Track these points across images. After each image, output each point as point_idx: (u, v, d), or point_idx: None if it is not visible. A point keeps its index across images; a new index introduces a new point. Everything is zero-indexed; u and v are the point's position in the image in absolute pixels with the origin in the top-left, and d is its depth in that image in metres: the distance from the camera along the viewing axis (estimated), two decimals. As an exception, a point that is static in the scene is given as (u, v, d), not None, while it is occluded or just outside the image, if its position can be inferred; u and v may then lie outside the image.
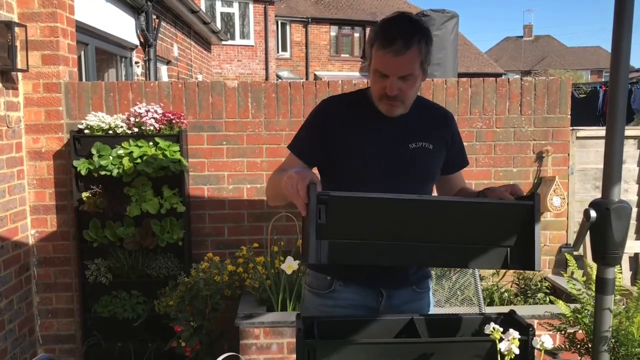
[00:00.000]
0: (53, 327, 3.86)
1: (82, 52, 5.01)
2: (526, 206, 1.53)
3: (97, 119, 3.62)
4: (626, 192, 4.23)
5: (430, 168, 1.91)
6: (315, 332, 1.57)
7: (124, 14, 6.28)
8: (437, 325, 1.66)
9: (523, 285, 3.88)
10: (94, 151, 3.56)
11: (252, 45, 18.97)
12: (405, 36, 1.67)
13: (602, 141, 1.55)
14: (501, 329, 1.40)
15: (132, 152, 3.53)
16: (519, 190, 1.65)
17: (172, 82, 3.92)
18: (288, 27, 24.38)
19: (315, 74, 23.91)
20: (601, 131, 3.91)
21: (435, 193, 2.09)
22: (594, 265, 1.63)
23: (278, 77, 20.43)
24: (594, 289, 1.63)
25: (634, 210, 4.24)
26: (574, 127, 4.08)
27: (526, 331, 1.49)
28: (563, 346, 1.88)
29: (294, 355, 1.57)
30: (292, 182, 1.50)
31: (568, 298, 1.94)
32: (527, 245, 1.52)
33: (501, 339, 1.38)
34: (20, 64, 3.45)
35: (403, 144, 1.84)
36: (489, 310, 3.34)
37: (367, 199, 1.49)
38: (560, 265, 4.03)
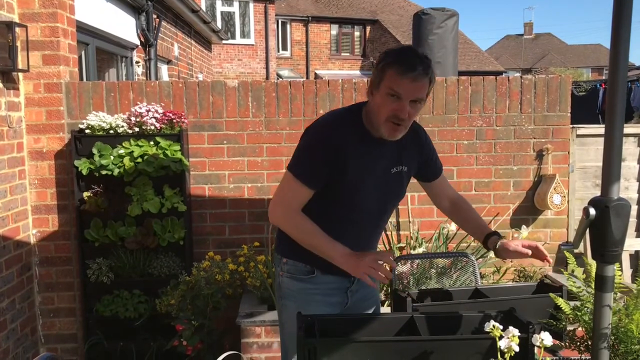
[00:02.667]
0: (55, 326, 3.87)
1: (83, 52, 5.02)
2: None
3: (97, 119, 3.63)
4: (627, 189, 4.23)
5: (403, 189, 2.14)
6: (315, 331, 1.57)
7: (125, 13, 6.29)
8: (438, 323, 1.67)
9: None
10: (94, 151, 3.57)
11: (253, 45, 18.96)
12: (423, 65, 1.85)
13: (602, 139, 1.55)
14: (501, 327, 1.41)
15: (132, 151, 3.54)
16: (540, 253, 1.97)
17: (173, 81, 3.93)
18: (288, 26, 24.38)
19: (315, 73, 23.91)
20: (601, 129, 3.92)
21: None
22: (594, 263, 1.63)
23: (278, 76, 20.43)
24: (593, 287, 1.64)
25: (634, 207, 4.24)
26: (574, 125, 4.08)
27: (526, 329, 1.49)
28: (563, 343, 1.88)
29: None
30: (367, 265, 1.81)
31: (568, 295, 1.94)
32: None
33: (501, 337, 1.39)
34: (21, 64, 3.45)
35: (388, 169, 2.03)
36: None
37: None
38: (561, 263, 4.04)
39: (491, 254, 3.45)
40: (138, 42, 6.64)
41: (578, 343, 1.79)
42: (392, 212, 2.21)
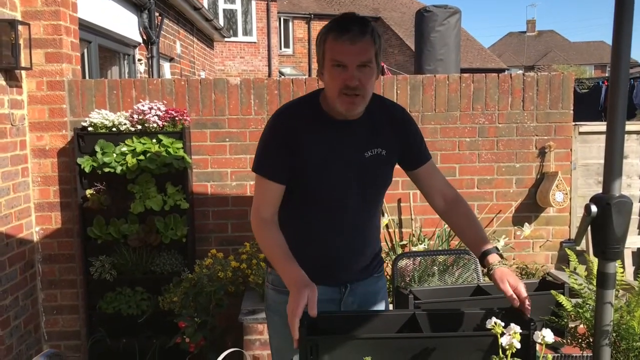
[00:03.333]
0: (58, 323, 3.89)
1: (85, 50, 5.03)
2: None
3: (100, 117, 3.63)
4: (629, 187, 4.23)
5: (384, 174, 1.94)
6: (317, 328, 1.58)
7: (127, 11, 6.29)
8: (439, 320, 1.67)
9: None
10: (97, 148, 3.58)
11: (255, 42, 18.96)
12: (359, 24, 1.72)
13: (605, 136, 1.55)
14: (503, 324, 1.41)
15: (135, 149, 3.55)
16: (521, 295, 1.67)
17: (175, 79, 3.93)
18: (290, 24, 24.36)
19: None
20: (603, 126, 3.90)
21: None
22: (595, 260, 1.63)
23: (281, 73, 20.42)
24: (595, 284, 1.64)
25: (637, 205, 4.24)
26: (577, 123, 4.08)
27: (527, 326, 1.50)
28: (564, 340, 1.88)
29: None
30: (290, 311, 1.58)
31: (570, 293, 1.94)
32: None
33: (502, 334, 1.39)
34: (23, 62, 3.46)
35: (359, 153, 1.86)
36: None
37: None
38: (563, 261, 4.04)
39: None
40: (140, 40, 6.65)
41: (580, 340, 1.79)
42: (379, 201, 2.02)
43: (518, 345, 1.37)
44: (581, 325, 1.81)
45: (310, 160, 1.84)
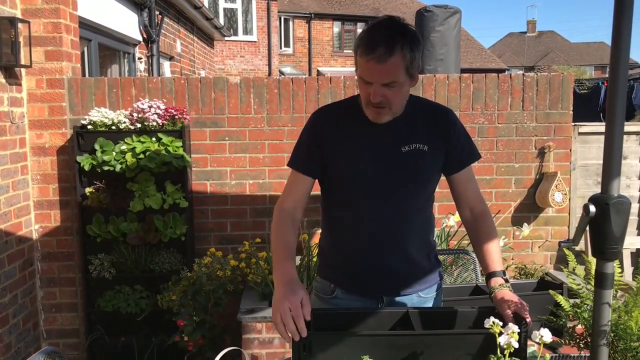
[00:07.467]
0: (57, 321, 3.89)
1: (85, 48, 5.03)
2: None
3: (100, 115, 3.63)
4: (628, 187, 4.23)
5: (425, 171, 1.87)
6: (310, 324, 1.58)
7: (127, 9, 6.29)
8: (432, 319, 1.68)
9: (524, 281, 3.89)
10: (97, 147, 3.58)
11: (255, 41, 18.95)
12: (388, 42, 1.65)
13: (604, 137, 1.55)
14: (501, 323, 1.42)
15: (135, 147, 3.55)
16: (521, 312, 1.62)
17: (175, 77, 3.94)
18: (291, 23, 24.36)
19: (318, 70, 23.89)
20: (603, 127, 3.90)
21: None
22: (593, 260, 1.64)
23: (281, 73, 20.43)
24: (593, 284, 1.64)
25: (636, 205, 4.24)
26: (576, 123, 4.08)
27: (519, 325, 1.50)
28: (562, 340, 1.89)
29: (295, 349, 1.58)
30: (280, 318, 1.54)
31: (568, 293, 1.94)
32: None
33: (500, 333, 1.40)
34: (23, 60, 3.46)
35: (394, 148, 1.82)
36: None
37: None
38: (562, 261, 4.04)
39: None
40: (140, 39, 6.65)
41: (578, 340, 1.80)
42: (421, 204, 1.91)
43: (516, 345, 1.38)
44: (579, 325, 1.82)
45: (340, 154, 1.85)
